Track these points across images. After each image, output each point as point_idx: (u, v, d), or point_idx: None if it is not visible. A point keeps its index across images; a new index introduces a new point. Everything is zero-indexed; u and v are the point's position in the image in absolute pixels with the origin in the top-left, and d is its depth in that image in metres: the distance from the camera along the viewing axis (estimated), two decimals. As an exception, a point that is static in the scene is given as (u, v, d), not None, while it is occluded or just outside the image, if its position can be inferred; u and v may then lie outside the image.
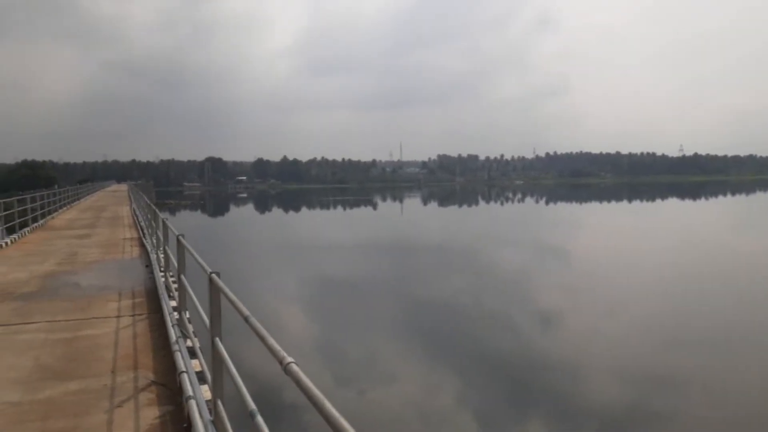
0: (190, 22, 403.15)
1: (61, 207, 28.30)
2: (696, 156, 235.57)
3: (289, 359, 1.95)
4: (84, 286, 9.37)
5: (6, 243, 15.01)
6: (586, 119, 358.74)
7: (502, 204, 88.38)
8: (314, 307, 18.32)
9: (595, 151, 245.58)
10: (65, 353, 5.80)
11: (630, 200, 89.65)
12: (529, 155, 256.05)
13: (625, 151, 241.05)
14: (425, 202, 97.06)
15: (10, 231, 17.19)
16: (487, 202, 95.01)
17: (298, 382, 1.80)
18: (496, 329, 15.36)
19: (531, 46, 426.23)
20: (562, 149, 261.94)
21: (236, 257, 27.49)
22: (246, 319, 2.58)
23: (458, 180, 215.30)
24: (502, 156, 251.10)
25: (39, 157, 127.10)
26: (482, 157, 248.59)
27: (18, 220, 17.71)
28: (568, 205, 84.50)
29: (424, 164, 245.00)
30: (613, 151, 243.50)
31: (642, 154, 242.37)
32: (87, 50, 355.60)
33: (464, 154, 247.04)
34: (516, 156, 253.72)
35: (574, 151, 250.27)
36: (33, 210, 19.86)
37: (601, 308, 17.61)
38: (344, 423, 1.47)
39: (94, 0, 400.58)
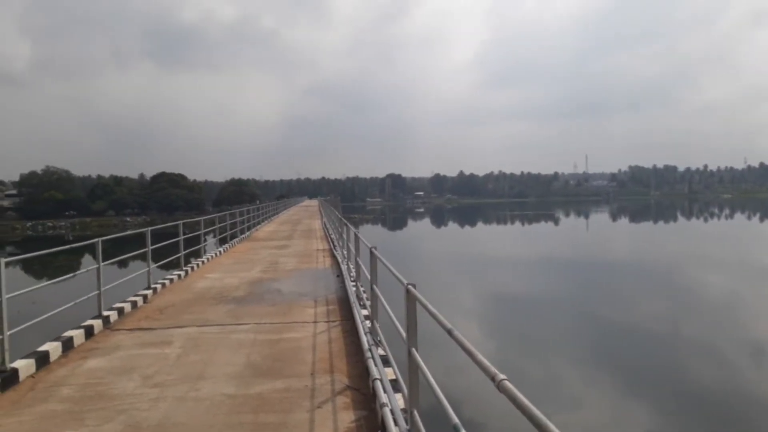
0: (375, 45, 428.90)
1: (263, 220, 31.43)
2: None
3: (502, 376, 1.87)
4: (285, 292, 10.22)
5: (219, 252, 17.00)
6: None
7: (705, 220, 78.97)
8: (491, 322, 17.98)
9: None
10: (271, 353, 6.33)
11: None
12: (739, 165, 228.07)
13: None
14: (614, 217, 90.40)
15: (223, 241, 19.48)
16: (688, 218, 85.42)
17: (514, 400, 1.71)
18: (702, 360, 13.71)
19: (741, 43, 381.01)
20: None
21: (413, 269, 28.09)
22: (449, 332, 2.54)
23: (653, 193, 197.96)
24: (705, 167, 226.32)
25: (244, 176, 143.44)
26: (681, 168, 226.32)
27: (229, 232, 19.99)
28: (788, 221, 73.05)
29: (613, 176, 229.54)
30: None
31: None
32: (286, 77, 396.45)
33: (660, 165, 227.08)
34: (723, 166, 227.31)
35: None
36: (241, 223, 22.29)
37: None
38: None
39: (291, 30, 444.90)
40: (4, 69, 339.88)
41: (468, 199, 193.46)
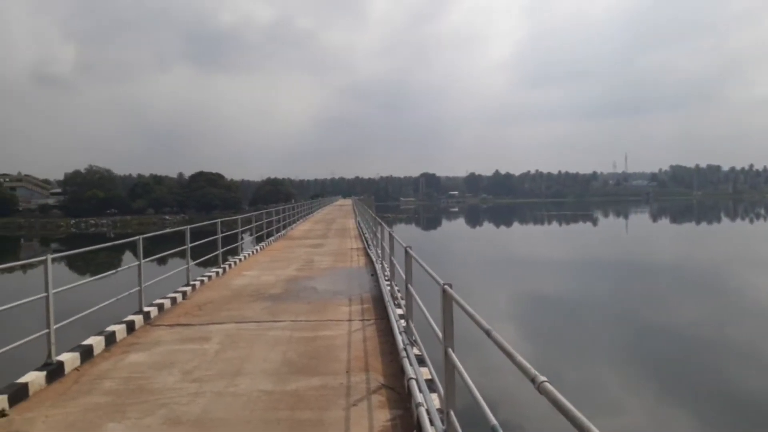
0: (410, 45, 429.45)
1: (298, 219, 31.72)
2: None
3: (543, 378, 1.84)
4: (320, 290, 10.30)
5: (256, 250, 17.22)
6: None
7: (751, 221, 76.07)
8: (526, 323, 17.75)
9: None
10: (307, 351, 6.39)
11: None
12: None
13: None
14: (655, 217, 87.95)
15: (259, 240, 19.73)
16: (732, 219, 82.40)
17: (556, 402, 1.68)
18: (749, 366, 13.26)
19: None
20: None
21: (446, 269, 27.90)
22: (488, 333, 2.51)
23: (695, 193, 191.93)
24: (751, 166, 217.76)
25: (279, 175, 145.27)
26: (726, 167, 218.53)
27: (265, 231, 20.24)
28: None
29: (653, 176, 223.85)
30: None
31: None
32: (321, 78, 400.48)
33: (703, 165, 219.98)
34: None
35: None
36: (276, 222, 22.54)
37: None
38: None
39: (328, 33, 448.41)
40: (51, 72, 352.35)
41: (503, 198, 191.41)
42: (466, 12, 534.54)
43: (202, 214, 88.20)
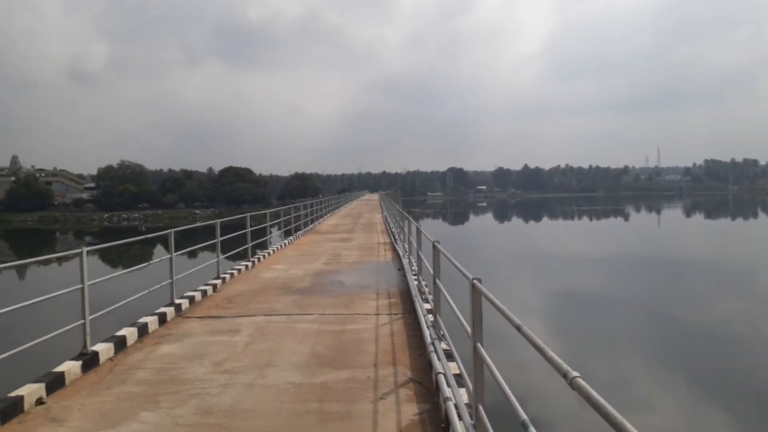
0: (439, 39, 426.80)
1: (325, 214, 31.89)
2: None
3: (575, 373, 1.82)
4: (347, 284, 10.34)
5: (284, 244, 17.37)
6: None
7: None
8: (553, 319, 17.55)
9: None
10: (335, 344, 6.42)
11: None
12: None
13: None
14: (688, 213, 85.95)
15: (287, 234, 19.89)
16: (769, 214, 79.93)
17: (589, 398, 1.66)
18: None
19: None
20: None
21: (473, 264, 27.67)
22: (518, 328, 2.48)
23: (731, 188, 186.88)
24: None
25: (307, 170, 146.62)
26: (763, 161, 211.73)
27: (293, 225, 20.40)
28: None
29: (687, 171, 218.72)
30: None
31: None
32: (349, 73, 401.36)
33: (739, 159, 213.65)
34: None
35: None
36: (304, 216, 22.69)
37: None
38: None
39: (355, 28, 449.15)
40: (84, 69, 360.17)
41: (533, 193, 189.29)
42: (495, 5, 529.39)
43: (231, 208, 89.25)
